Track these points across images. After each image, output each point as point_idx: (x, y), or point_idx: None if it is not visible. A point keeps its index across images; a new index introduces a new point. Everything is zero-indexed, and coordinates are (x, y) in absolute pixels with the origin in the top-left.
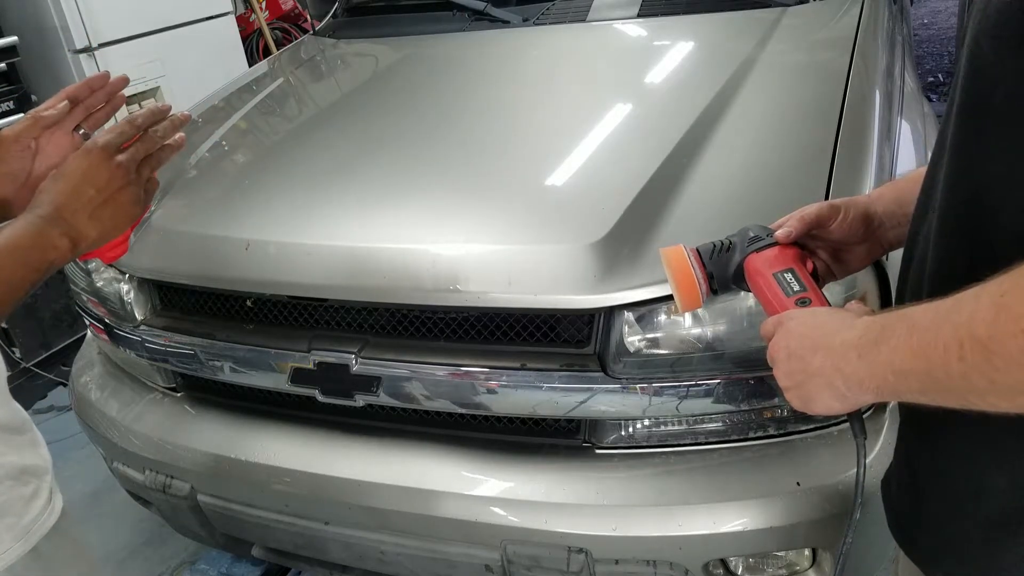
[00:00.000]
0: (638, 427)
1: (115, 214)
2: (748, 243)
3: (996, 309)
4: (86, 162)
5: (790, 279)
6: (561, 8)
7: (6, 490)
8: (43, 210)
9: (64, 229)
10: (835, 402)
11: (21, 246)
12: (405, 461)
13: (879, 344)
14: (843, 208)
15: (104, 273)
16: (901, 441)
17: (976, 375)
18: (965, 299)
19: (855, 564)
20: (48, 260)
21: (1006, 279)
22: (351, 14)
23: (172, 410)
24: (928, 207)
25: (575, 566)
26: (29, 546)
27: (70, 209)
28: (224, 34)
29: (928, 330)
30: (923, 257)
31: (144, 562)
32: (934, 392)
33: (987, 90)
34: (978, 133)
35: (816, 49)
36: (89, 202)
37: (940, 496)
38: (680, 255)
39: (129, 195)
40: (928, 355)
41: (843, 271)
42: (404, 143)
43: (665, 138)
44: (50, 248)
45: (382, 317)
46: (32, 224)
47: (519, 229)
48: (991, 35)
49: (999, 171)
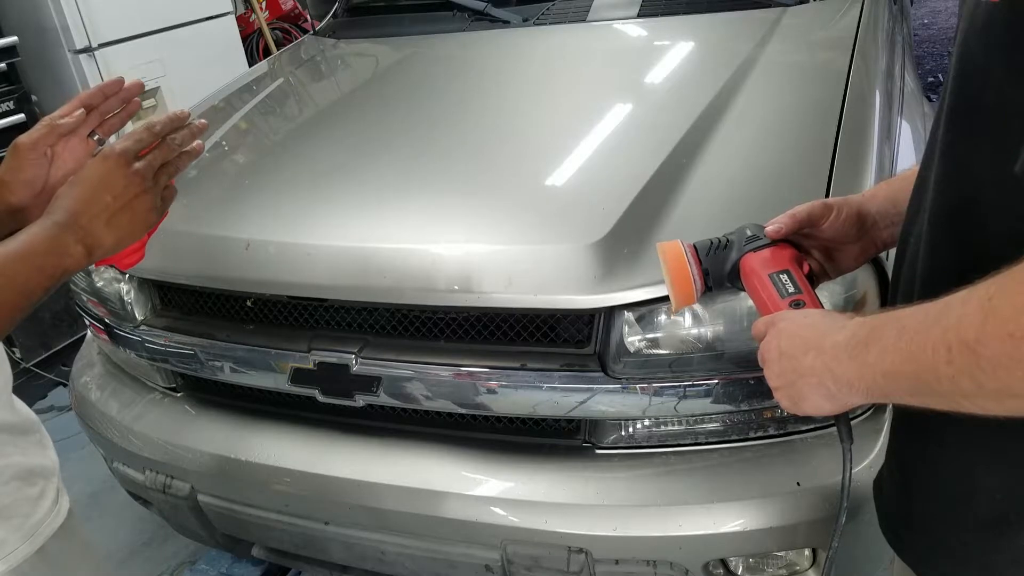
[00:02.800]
0: (638, 427)
1: (132, 221)
2: (745, 242)
3: (984, 313)
4: (103, 168)
5: (785, 280)
6: (561, 8)
7: (12, 491)
8: (59, 216)
9: (80, 236)
10: (825, 402)
11: (36, 252)
12: (405, 461)
13: (869, 346)
14: (836, 207)
15: (104, 273)
16: (893, 441)
17: (964, 378)
18: (953, 302)
19: (854, 567)
20: (63, 267)
21: (994, 282)
22: (351, 14)
23: (172, 410)
24: (920, 207)
25: (575, 566)
26: (35, 547)
27: (87, 216)
28: (224, 34)
29: (917, 333)
30: (915, 257)
31: (144, 562)
32: (923, 394)
33: (976, 91)
34: (968, 134)
35: (816, 49)
36: (106, 209)
37: (931, 497)
38: (677, 250)
39: (146, 202)
40: (917, 358)
41: (837, 271)
42: (404, 143)
43: (665, 138)
44: (65, 255)
45: (382, 317)
46: (47, 230)
47: (519, 229)
48: (980, 36)
49: (988, 172)
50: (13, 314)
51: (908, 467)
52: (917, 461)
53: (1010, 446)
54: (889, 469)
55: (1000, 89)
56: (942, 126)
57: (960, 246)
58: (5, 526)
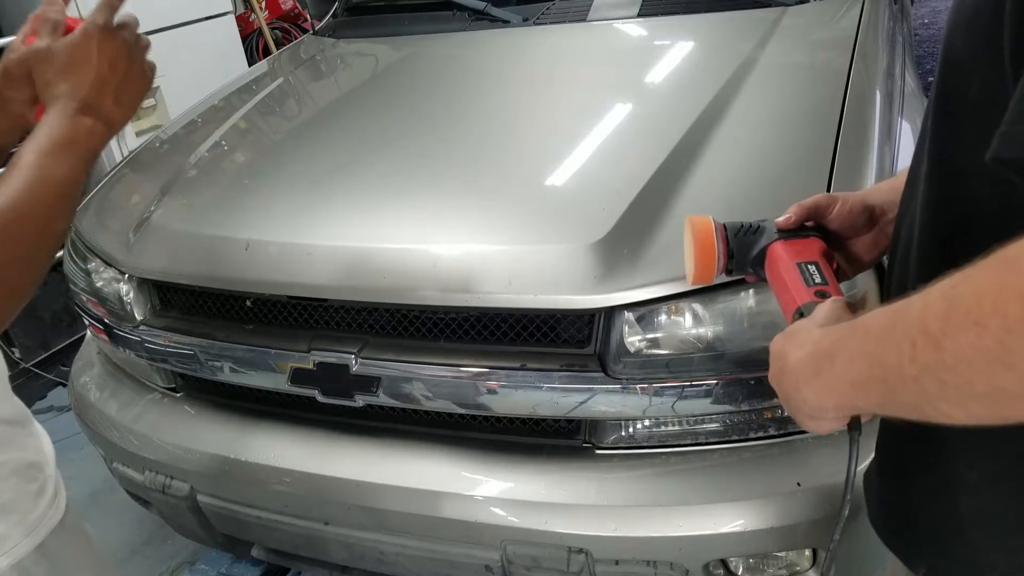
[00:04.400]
0: (638, 427)
1: (132, 90)
2: (777, 230)
3: (947, 302)
4: (94, 44)
5: (813, 271)
6: (561, 8)
7: (12, 486)
8: (69, 102)
9: (96, 114)
10: (811, 423)
11: (64, 142)
12: (405, 461)
13: (833, 358)
14: (841, 198)
15: (104, 273)
16: (881, 435)
17: (928, 377)
18: (916, 297)
19: (858, 565)
20: (93, 148)
21: (959, 274)
22: (351, 14)
23: (172, 410)
24: (911, 200)
25: (575, 566)
26: (37, 541)
27: (94, 94)
28: (224, 34)
29: (881, 334)
30: (907, 251)
31: (144, 562)
32: (890, 402)
33: (962, 83)
34: (954, 126)
35: (816, 49)
36: (108, 83)
37: (916, 491)
38: (707, 225)
39: (137, 68)
40: (882, 360)
41: (853, 267)
42: (404, 143)
43: (665, 138)
44: (91, 136)
45: (382, 317)
46: (66, 119)
47: (519, 229)
48: (965, 28)
49: (975, 163)
50: (55, 213)
51: (894, 461)
52: (902, 455)
53: (990, 440)
54: (877, 463)
55: (983, 81)
56: (930, 119)
57: (951, 238)
58: (6, 521)
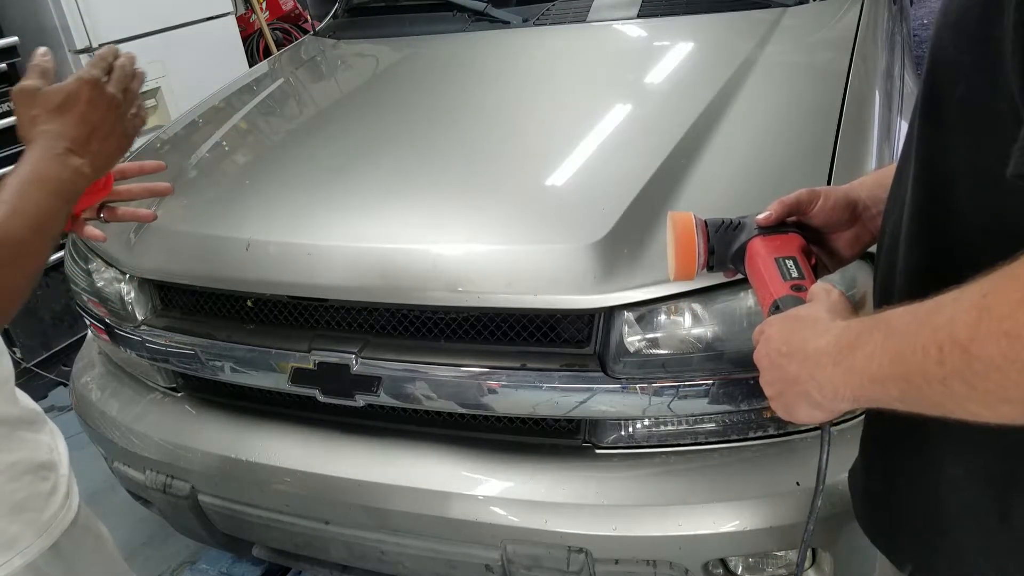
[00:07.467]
0: (638, 427)
1: (112, 144)
2: (757, 227)
3: (978, 311)
4: (86, 92)
5: (790, 265)
6: (561, 8)
7: (25, 485)
8: (59, 140)
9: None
10: (813, 410)
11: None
12: (405, 461)
13: (855, 350)
14: (823, 193)
15: (105, 273)
16: (865, 431)
17: (956, 380)
18: (945, 301)
19: (858, 566)
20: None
21: (988, 280)
22: (351, 14)
23: (173, 410)
24: (897, 200)
25: (575, 566)
26: (50, 541)
27: (83, 139)
28: (224, 35)
29: (906, 334)
30: (893, 250)
31: (144, 562)
32: (912, 399)
33: (948, 84)
34: (941, 127)
35: (816, 49)
36: (96, 129)
37: (901, 487)
38: (688, 222)
39: (122, 125)
40: (906, 360)
41: (834, 262)
42: (404, 143)
43: (665, 138)
44: (76, 175)
45: (382, 317)
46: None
47: (519, 229)
48: (952, 29)
49: (961, 164)
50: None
51: (879, 457)
52: (887, 451)
53: (975, 437)
54: (862, 461)
55: (969, 83)
56: (917, 119)
57: (938, 237)
58: (19, 521)
